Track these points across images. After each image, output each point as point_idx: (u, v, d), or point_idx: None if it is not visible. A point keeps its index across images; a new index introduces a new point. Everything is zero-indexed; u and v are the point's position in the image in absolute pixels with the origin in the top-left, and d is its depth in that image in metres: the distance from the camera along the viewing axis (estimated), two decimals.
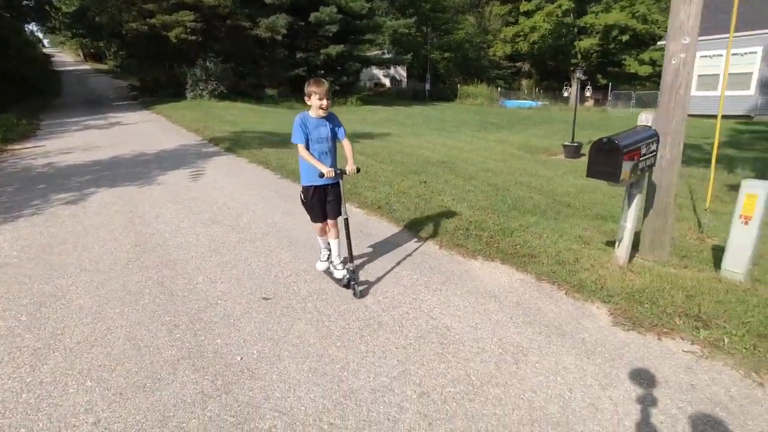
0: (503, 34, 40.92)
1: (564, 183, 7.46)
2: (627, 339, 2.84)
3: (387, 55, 31.62)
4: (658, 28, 30.72)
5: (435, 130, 15.44)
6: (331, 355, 2.66)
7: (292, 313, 3.14)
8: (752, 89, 18.08)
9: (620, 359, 2.63)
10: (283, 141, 10.57)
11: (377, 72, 37.99)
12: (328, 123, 3.32)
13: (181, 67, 21.50)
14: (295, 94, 24.04)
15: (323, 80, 3.24)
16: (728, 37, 17.58)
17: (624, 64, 34.44)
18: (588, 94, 27.16)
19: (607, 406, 2.25)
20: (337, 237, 3.58)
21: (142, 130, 13.03)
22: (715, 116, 18.57)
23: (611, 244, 4.17)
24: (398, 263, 3.95)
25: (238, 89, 22.19)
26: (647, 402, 2.28)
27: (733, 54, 18.20)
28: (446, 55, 39.16)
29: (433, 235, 4.55)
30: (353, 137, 12.32)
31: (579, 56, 35.87)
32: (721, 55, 18.42)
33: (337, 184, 3.39)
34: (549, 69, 40.19)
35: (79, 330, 2.93)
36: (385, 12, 32.35)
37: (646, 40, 32.26)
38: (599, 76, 35.41)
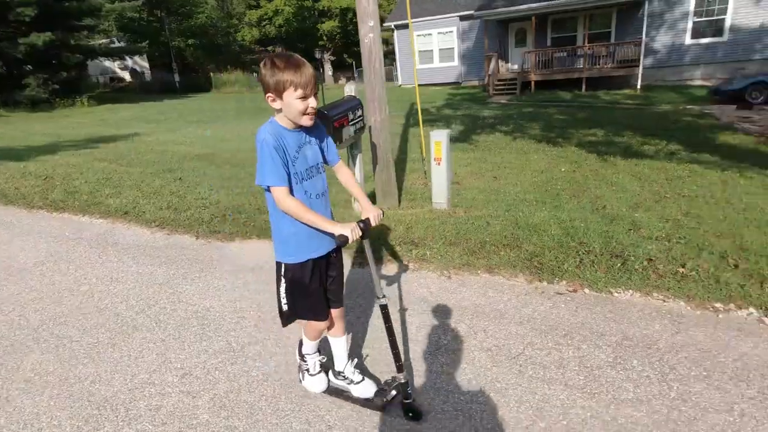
0: (248, 17, 40.41)
1: None
2: (364, 274, 3.45)
3: (117, 44, 27.52)
4: (383, 11, 35.11)
5: (193, 123, 14.50)
6: (78, 374, 2.45)
7: (20, 348, 2.71)
8: (456, 61, 22.66)
9: (355, 291, 3.20)
10: None
11: (111, 64, 32.84)
12: (314, 139, 1.91)
13: None
14: None
15: (301, 58, 1.73)
16: (436, 19, 21.64)
17: None
18: (329, 72, 29.51)
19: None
20: (344, 332, 2.25)
21: None
22: (434, 84, 22.36)
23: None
24: (151, 264, 3.77)
25: None
26: (376, 315, 2.88)
27: (439, 32, 22.48)
28: (191, 41, 36.50)
29: (189, 228, 4.46)
30: (89, 143, 10.59)
31: (324, 38, 38.32)
32: (431, 34, 22.46)
33: (339, 249, 2.09)
34: (299, 51, 41.66)
35: None
36: None
37: None
38: (345, 55, 38.70)
